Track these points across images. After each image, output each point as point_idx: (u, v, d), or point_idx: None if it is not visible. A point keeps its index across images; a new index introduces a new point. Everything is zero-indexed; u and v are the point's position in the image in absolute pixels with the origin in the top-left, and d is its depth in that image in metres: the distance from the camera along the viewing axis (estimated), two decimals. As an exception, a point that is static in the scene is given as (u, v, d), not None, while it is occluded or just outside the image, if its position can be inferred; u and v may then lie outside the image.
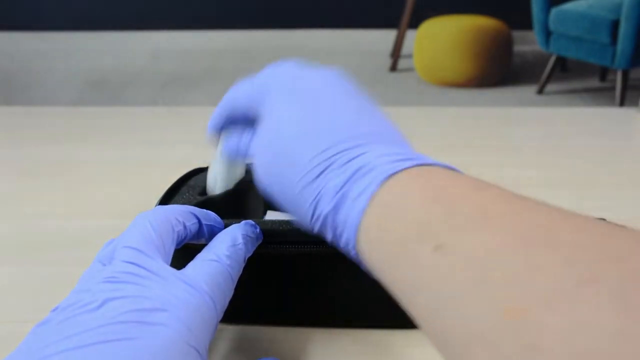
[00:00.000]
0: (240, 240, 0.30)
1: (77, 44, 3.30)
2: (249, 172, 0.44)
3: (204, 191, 0.41)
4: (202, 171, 0.44)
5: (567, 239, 0.17)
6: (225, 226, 0.33)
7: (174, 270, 0.27)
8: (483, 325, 0.17)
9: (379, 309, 0.37)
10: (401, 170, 0.24)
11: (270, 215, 0.46)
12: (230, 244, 0.30)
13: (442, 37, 2.49)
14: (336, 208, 0.25)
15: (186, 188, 0.41)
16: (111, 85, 2.76)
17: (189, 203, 0.37)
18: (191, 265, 0.28)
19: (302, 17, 3.32)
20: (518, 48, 2.88)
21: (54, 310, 0.25)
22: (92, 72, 2.92)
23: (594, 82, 2.60)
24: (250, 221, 0.33)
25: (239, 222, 0.33)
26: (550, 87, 2.50)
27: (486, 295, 0.17)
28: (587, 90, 2.52)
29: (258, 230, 0.33)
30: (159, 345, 0.23)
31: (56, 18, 3.38)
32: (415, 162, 0.24)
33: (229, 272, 0.28)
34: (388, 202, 0.23)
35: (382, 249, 0.23)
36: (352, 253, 0.25)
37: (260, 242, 0.34)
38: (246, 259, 0.31)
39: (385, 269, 0.23)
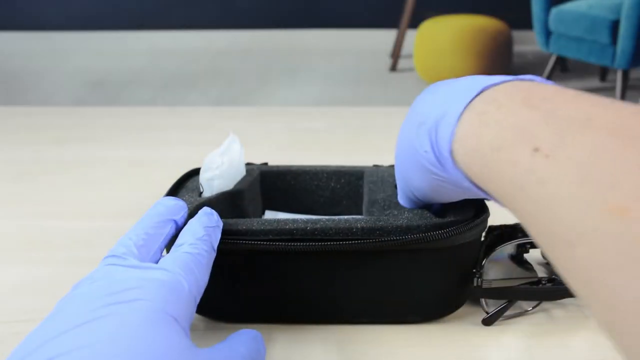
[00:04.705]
0: (202, 232, 0.32)
1: (77, 44, 3.30)
2: (247, 171, 0.44)
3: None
4: (201, 171, 0.44)
5: None
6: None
7: (148, 263, 0.29)
8: (586, 225, 0.17)
9: (377, 305, 0.37)
10: (490, 86, 0.25)
11: (269, 215, 0.47)
12: (194, 238, 0.31)
13: (442, 37, 2.49)
14: (436, 124, 0.27)
15: (185, 190, 0.41)
16: (111, 85, 2.76)
17: (188, 204, 0.37)
18: (162, 258, 0.30)
19: (302, 17, 3.32)
20: (518, 48, 2.88)
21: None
22: (92, 72, 2.92)
23: (594, 82, 2.60)
24: (207, 210, 0.34)
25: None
26: (550, 87, 2.50)
27: (590, 196, 0.17)
28: (587, 90, 2.50)
29: (216, 217, 0.34)
30: (140, 316, 0.25)
31: (56, 18, 3.38)
32: (502, 79, 0.25)
33: (198, 259, 0.30)
34: (482, 111, 0.24)
35: (478, 156, 0.23)
36: (450, 166, 0.26)
37: (221, 227, 0.34)
38: (215, 246, 0.32)
39: (482, 178, 0.24)
